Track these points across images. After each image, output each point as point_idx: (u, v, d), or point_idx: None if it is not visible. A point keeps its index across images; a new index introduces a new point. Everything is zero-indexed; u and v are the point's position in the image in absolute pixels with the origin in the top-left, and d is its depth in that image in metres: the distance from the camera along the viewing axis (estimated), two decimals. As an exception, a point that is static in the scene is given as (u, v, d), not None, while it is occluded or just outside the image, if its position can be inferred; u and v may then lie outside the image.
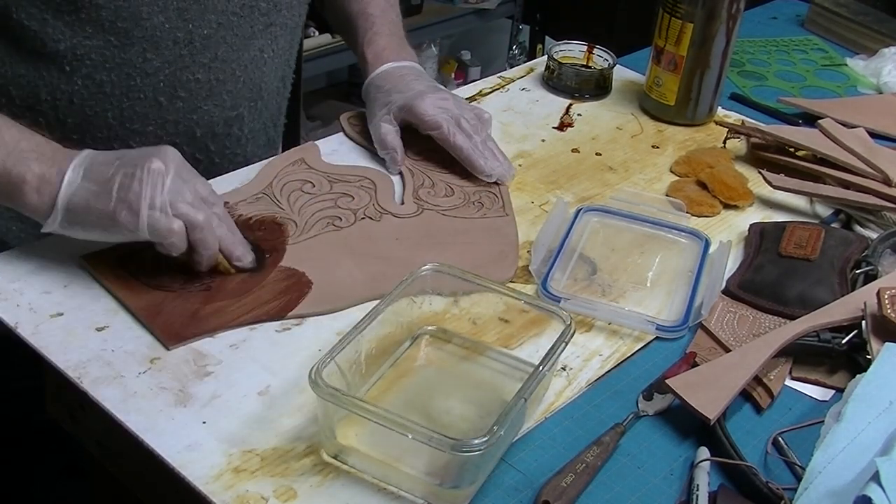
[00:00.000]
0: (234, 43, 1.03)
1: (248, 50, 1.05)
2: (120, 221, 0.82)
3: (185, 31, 0.98)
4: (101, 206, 0.82)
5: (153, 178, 0.82)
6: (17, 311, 0.83)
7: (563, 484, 0.71)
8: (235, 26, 1.02)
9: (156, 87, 0.99)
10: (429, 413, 0.77)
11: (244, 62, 1.05)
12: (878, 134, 1.25)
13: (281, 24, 1.08)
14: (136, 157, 0.83)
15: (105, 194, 0.82)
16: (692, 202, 1.08)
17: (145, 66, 0.97)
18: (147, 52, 0.97)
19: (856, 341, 0.86)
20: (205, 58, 1.01)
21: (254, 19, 1.04)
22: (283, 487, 0.70)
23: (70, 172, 0.83)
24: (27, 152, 0.83)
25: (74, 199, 0.82)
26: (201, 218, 0.84)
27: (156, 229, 0.82)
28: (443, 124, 1.06)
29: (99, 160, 0.84)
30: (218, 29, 1.01)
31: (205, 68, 1.01)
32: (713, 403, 0.77)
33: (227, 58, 1.03)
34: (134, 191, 0.81)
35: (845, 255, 0.96)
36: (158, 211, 0.82)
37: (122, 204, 0.81)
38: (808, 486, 0.71)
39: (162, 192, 0.82)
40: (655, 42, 1.25)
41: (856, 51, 1.55)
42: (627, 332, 0.89)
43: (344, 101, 2.94)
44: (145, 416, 0.74)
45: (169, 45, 0.98)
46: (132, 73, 0.97)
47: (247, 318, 0.85)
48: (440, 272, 0.83)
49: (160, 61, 0.98)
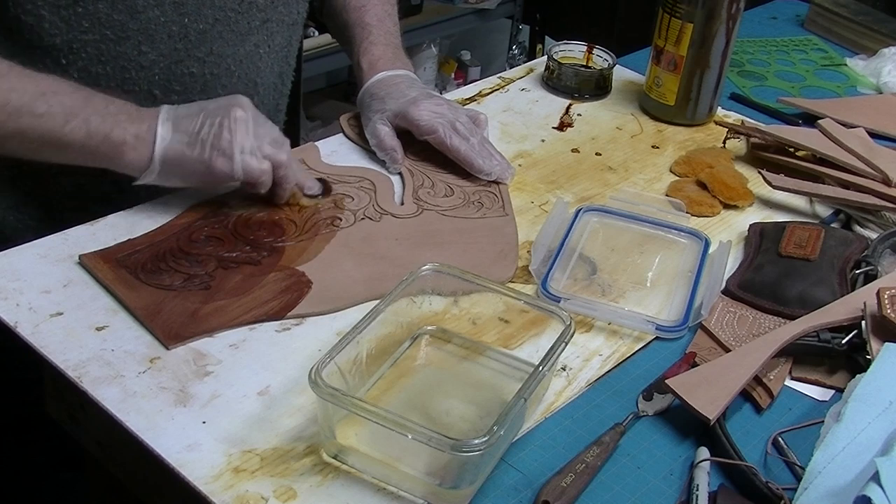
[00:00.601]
0: (230, 38, 1.04)
1: (243, 45, 1.06)
2: (215, 167, 0.90)
3: (181, 26, 0.99)
4: (196, 155, 0.90)
5: (239, 126, 0.90)
6: (17, 310, 0.83)
7: (563, 484, 0.71)
8: (232, 22, 1.03)
9: (151, 80, 1.00)
10: (429, 413, 0.77)
11: (239, 57, 1.06)
12: (878, 134, 1.25)
13: (277, 20, 1.09)
14: (217, 108, 0.92)
15: (198, 144, 0.90)
16: (692, 202, 1.08)
17: (140, 59, 0.98)
18: (142, 46, 0.98)
19: (856, 341, 0.86)
20: (200, 52, 1.02)
21: (251, 15, 1.05)
22: (283, 487, 0.70)
23: (160, 127, 0.90)
24: (119, 115, 0.90)
25: (170, 152, 0.90)
26: (284, 157, 0.94)
27: (249, 171, 0.91)
28: (438, 128, 1.07)
29: (182, 113, 0.92)
30: (214, 24, 1.01)
31: (200, 62, 1.02)
32: (713, 403, 0.77)
33: (223, 53, 1.04)
34: (225, 138, 0.90)
35: (845, 255, 0.96)
36: (249, 154, 0.91)
37: (216, 151, 0.90)
38: (808, 486, 0.71)
39: (248, 136, 0.91)
40: (655, 42, 1.25)
41: (856, 51, 1.55)
42: (627, 332, 0.89)
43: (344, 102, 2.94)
44: (145, 416, 0.74)
45: (164, 38, 0.99)
46: (127, 66, 0.98)
47: (246, 317, 0.85)
48: (440, 272, 0.83)
49: (155, 55, 0.99)
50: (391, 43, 1.18)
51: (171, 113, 0.92)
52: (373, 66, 1.14)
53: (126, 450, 0.77)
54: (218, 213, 0.97)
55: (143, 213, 0.96)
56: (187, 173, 0.92)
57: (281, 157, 0.94)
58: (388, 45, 1.17)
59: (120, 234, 0.93)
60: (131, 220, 0.95)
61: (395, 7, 1.23)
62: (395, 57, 1.16)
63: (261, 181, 0.93)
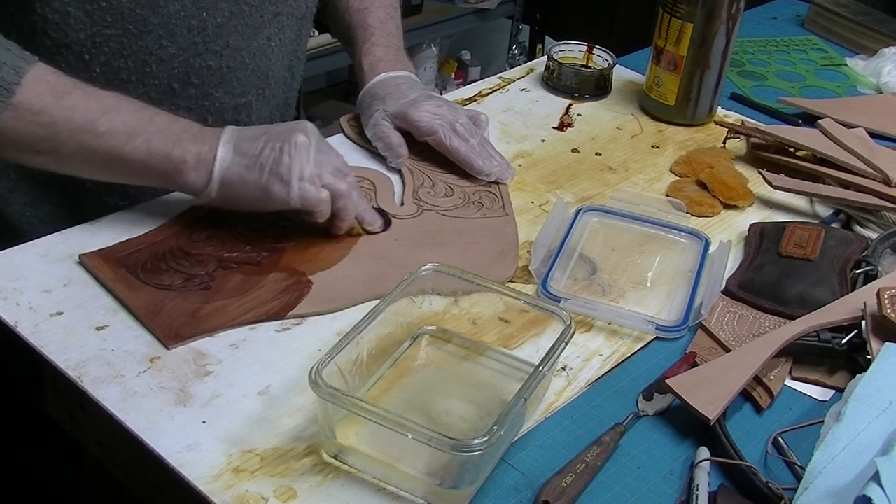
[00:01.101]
0: (245, 31, 1.05)
1: (256, 38, 1.07)
2: (272, 192, 0.89)
3: (199, 19, 1.01)
4: (254, 179, 0.89)
5: (300, 152, 0.89)
6: (17, 309, 0.83)
7: (563, 484, 0.71)
8: (246, 15, 1.05)
9: (170, 73, 1.02)
10: (429, 413, 0.77)
11: (253, 50, 1.08)
12: (878, 134, 1.25)
13: (287, 13, 1.11)
14: (280, 132, 0.91)
15: (257, 167, 0.89)
16: (692, 202, 1.08)
17: (161, 52, 1.00)
18: (163, 39, 0.99)
19: (856, 341, 0.86)
20: (217, 45, 1.03)
21: (263, 9, 1.07)
22: (283, 487, 0.70)
23: (221, 149, 0.89)
24: (180, 134, 0.90)
25: (228, 174, 0.89)
26: (344, 187, 0.92)
27: (306, 199, 0.90)
28: (438, 129, 1.07)
29: (245, 136, 0.91)
30: (230, 18, 1.03)
31: (216, 56, 1.04)
32: (713, 403, 0.77)
33: (238, 46, 1.06)
34: (284, 164, 0.89)
35: (845, 255, 0.96)
36: (308, 182, 0.89)
37: (274, 176, 0.89)
38: (808, 486, 0.71)
39: (308, 163, 0.89)
40: (655, 42, 1.25)
41: (856, 51, 1.55)
42: (627, 332, 0.89)
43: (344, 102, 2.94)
44: (145, 416, 0.74)
45: (183, 32, 1.00)
46: (148, 60, 1.00)
47: (247, 317, 0.85)
48: (440, 272, 0.83)
49: (175, 48, 1.00)
50: (393, 45, 1.18)
51: (234, 134, 0.91)
52: (374, 67, 1.15)
53: (126, 450, 0.77)
54: (218, 212, 0.97)
55: (144, 213, 0.96)
56: (244, 196, 0.90)
57: (341, 187, 0.92)
58: (389, 47, 1.17)
59: (120, 234, 0.93)
60: (131, 220, 0.95)
61: (398, 10, 1.24)
62: (397, 58, 1.17)
63: (318, 210, 0.91)
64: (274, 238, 0.94)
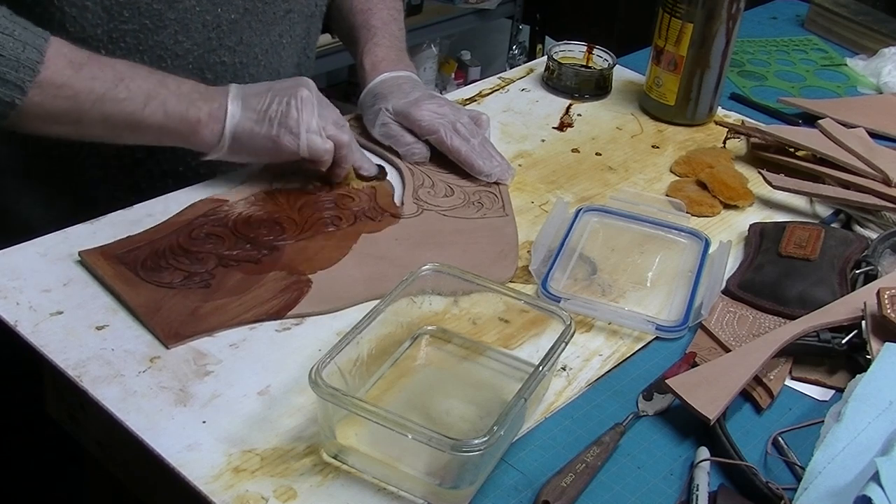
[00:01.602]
0: (258, 28, 1.08)
1: (268, 35, 1.09)
2: (283, 143, 0.95)
3: (214, 15, 1.03)
4: (264, 132, 0.95)
5: (306, 105, 0.96)
6: (17, 309, 0.83)
7: (563, 484, 0.71)
8: (259, 11, 1.07)
9: (185, 68, 1.03)
10: (429, 413, 0.77)
11: (265, 47, 1.10)
12: (878, 134, 1.25)
13: (298, 10, 1.13)
14: (284, 88, 0.96)
15: (266, 121, 0.95)
16: (692, 202, 1.08)
17: (176, 48, 1.02)
18: (178, 35, 1.01)
19: (856, 341, 0.86)
20: (231, 41, 1.05)
21: (275, 5, 1.09)
22: (283, 487, 0.70)
23: (231, 105, 0.95)
24: (192, 94, 0.95)
25: (239, 129, 0.95)
26: (346, 138, 0.99)
27: (314, 149, 0.96)
28: (439, 129, 1.07)
29: (251, 92, 0.97)
30: (244, 14, 1.05)
31: (230, 51, 1.06)
32: (713, 403, 0.77)
33: (251, 42, 1.08)
34: (292, 117, 0.95)
35: (845, 255, 0.96)
36: (315, 133, 0.96)
37: (283, 129, 0.95)
38: (808, 486, 0.71)
39: (314, 116, 0.96)
40: (655, 42, 1.25)
41: (856, 51, 1.55)
42: (627, 332, 0.89)
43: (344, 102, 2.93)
44: (145, 416, 0.74)
45: (199, 27, 1.02)
46: (164, 55, 1.01)
47: (246, 317, 0.85)
48: (440, 272, 0.83)
49: (190, 43, 1.02)
50: (395, 45, 1.19)
51: (241, 91, 0.96)
52: (375, 66, 1.15)
53: (126, 450, 0.77)
54: (218, 211, 0.97)
55: (144, 211, 0.96)
56: (255, 149, 0.96)
57: (343, 137, 0.99)
58: (391, 48, 1.18)
59: (120, 232, 0.93)
60: (131, 218, 0.95)
61: (402, 12, 1.24)
62: (399, 59, 1.17)
63: (324, 160, 0.98)
64: (274, 236, 0.94)
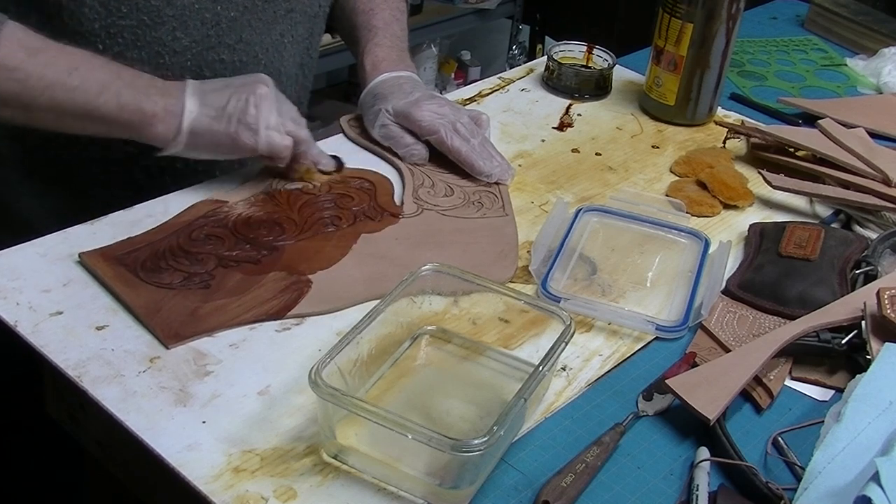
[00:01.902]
0: (258, 26, 1.07)
1: (269, 34, 1.09)
2: (241, 140, 0.94)
3: (213, 13, 1.03)
4: (223, 129, 0.94)
5: (264, 102, 0.95)
6: (17, 309, 0.83)
7: (563, 484, 0.71)
8: (259, 10, 1.07)
9: (183, 65, 1.03)
10: (429, 413, 0.77)
11: (266, 45, 1.09)
12: (878, 134, 1.25)
13: (301, 10, 1.13)
14: (243, 85, 0.95)
15: (224, 118, 0.94)
16: (692, 202, 1.08)
17: (174, 44, 1.02)
18: (176, 31, 1.01)
19: (856, 341, 0.86)
20: (230, 39, 1.05)
21: (276, 4, 1.08)
22: (283, 487, 0.70)
23: (188, 101, 0.94)
24: (149, 88, 0.94)
25: (197, 125, 0.94)
26: (304, 134, 1.00)
27: (273, 145, 0.96)
28: (440, 129, 1.07)
29: (208, 88, 0.95)
30: (244, 12, 1.05)
31: (230, 49, 1.06)
32: (713, 403, 0.77)
33: (251, 40, 1.07)
34: (251, 114, 0.94)
35: (845, 255, 0.96)
36: (274, 130, 0.95)
37: (242, 125, 0.94)
38: (808, 486, 0.71)
39: (272, 113, 0.95)
40: (655, 42, 1.25)
41: (856, 51, 1.55)
42: (627, 332, 0.89)
43: (344, 102, 2.94)
44: (145, 416, 0.74)
45: (197, 24, 1.02)
46: (161, 52, 1.01)
47: (246, 317, 0.85)
48: (440, 272, 0.83)
49: (188, 40, 1.02)
50: (396, 46, 1.18)
51: (198, 87, 0.95)
52: (376, 67, 1.15)
53: (126, 450, 0.77)
54: (218, 211, 0.97)
55: (144, 212, 0.96)
56: (213, 145, 0.95)
57: (302, 133, 0.99)
58: (392, 48, 1.18)
59: (120, 233, 0.93)
60: (131, 219, 0.95)
61: (405, 13, 1.24)
62: (399, 59, 1.17)
63: (283, 156, 0.98)
64: (274, 236, 0.94)
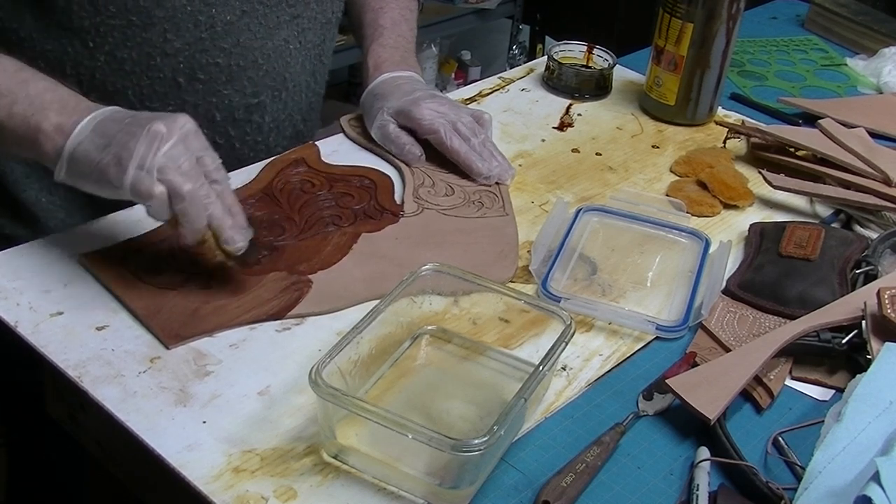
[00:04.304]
0: (258, 31, 1.05)
1: (272, 39, 1.07)
2: (107, 174, 0.81)
3: (208, 16, 1.01)
4: (96, 159, 0.82)
5: (150, 140, 0.81)
6: (17, 309, 0.83)
7: (563, 484, 0.71)
8: (260, 15, 1.05)
9: (175, 67, 1.02)
10: (429, 413, 0.77)
11: (267, 51, 1.07)
12: (878, 134, 1.25)
13: (309, 17, 1.11)
14: (146, 118, 0.83)
15: (104, 148, 0.82)
16: (692, 202, 1.08)
17: (165, 46, 1.00)
18: (167, 33, 0.99)
19: (856, 341, 0.86)
20: (226, 43, 1.03)
21: (280, 10, 1.06)
22: (283, 487, 0.70)
23: (83, 123, 0.84)
24: (50, 103, 0.85)
25: (79, 150, 0.83)
26: (186, 188, 0.80)
27: (137, 189, 0.81)
28: (439, 128, 1.07)
29: (113, 116, 0.84)
30: (241, 16, 1.03)
31: (225, 53, 1.04)
32: (713, 403, 0.77)
33: (250, 45, 1.05)
34: (128, 148, 0.81)
35: (845, 255, 0.96)
36: (145, 171, 0.80)
37: (114, 159, 0.81)
38: (808, 486, 0.71)
39: (155, 154, 0.80)
40: (655, 42, 1.25)
41: (856, 51, 1.55)
42: (627, 332, 0.89)
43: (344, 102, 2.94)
44: (145, 416, 0.74)
45: (190, 27, 1.00)
46: (152, 53, 1.00)
47: (246, 317, 0.85)
48: (440, 272, 0.83)
49: (180, 43, 1.00)
50: (401, 46, 1.18)
51: (105, 114, 0.85)
52: (378, 67, 1.15)
53: (126, 450, 0.77)
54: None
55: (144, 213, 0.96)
56: (86, 176, 0.83)
57: (182, 186, 0.80)
58: (396, 48, 1.17)
59: (120, 234, 0.93)
60: (132, 220, 0.95)
61: (414, 12, 1.24)
62: (403, 59, 1.17)
63: (150, 205, 0.82)
64: (274, 236, 0.94)
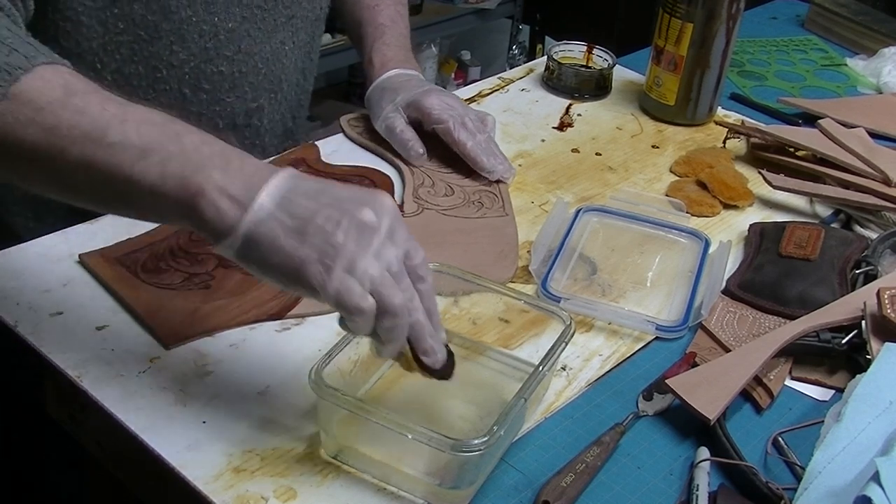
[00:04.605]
0: (257, 36, 1.05)
1: (269, 42, 1.07)
2: (305, 273, 0.65)
3: (211, 24, 1.00)
4: (290, 247, 0.65)
5: (359, 233, 0.66)
6: (17, 309, 0.83)
7: (563, 484, 0.71)
8: (259, 19, 1.05)
9: (181, 79, 1.01)
10: (429, 413, 0.77)
11: (266, 54, 1.08)
12: (878, 134, 1.25)
13: (302, 16, 1.11)
14: (346, 199, 0.67)
15: (299, 234, 0.65)
16: (692, 202, 1.08)
17: (171, 58, 1.00)
18: (174, 45, 0.99)
19: (856, 341, 0.86)
20: (229, 50, 1.03)
21: (277, 12, 1.06)
22: (283, 487, 0.70)
23: (264, 195, 0.66)
24: (211, 157, 0.67)
25: (262, 229, 0.65)
26: (397, 301, 0.66)
27: (343, 301, 0.65)
28: (448, 120, 1.08)
29: (302, 189, 0.67)
30: (242, 22, 1.03)
31: (228, 61, 1.04)
32: (713, 403, 0.77)
33: (250, 50, 1.05)
34: (333, 244, 0.65)
35: (845, 255, 0.96)
36: (354, 279, 0.65)
37: (315, 254, 0.65)
38: (808, 486, 0.71)
39: (366, 254, 0.65)
40: (655, 42, 1.25)
41: (856, 51, 1.55)
42: (627, 332, 0.89)
43: (344, 102, 2.94)
44: (145, 416, 0.74)
45: (195, 37, 1.00)
46: (159, 66, 1.00)
47: (246, 317, 0.85)
48: (440, 272, 0.83)
49: (186, 54, 1.00)
50: (403, 45, 1.19)
51: (289, 182, 0.67)
52: (385, 64, 1.15)
53: (126, 450, 0.77)
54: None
55: (143, 213, 0.96)
56: (272, 265, 0.66)
57: (393, 300, 0.66)
58: (400, 48, 1.18)
59: (120, 234, 0.93)
60: (131, 220, 0.94)
61: (407, 9, 1.24)
62: (406, 59, 1.18)
63: (353, 319, 0.66)
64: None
